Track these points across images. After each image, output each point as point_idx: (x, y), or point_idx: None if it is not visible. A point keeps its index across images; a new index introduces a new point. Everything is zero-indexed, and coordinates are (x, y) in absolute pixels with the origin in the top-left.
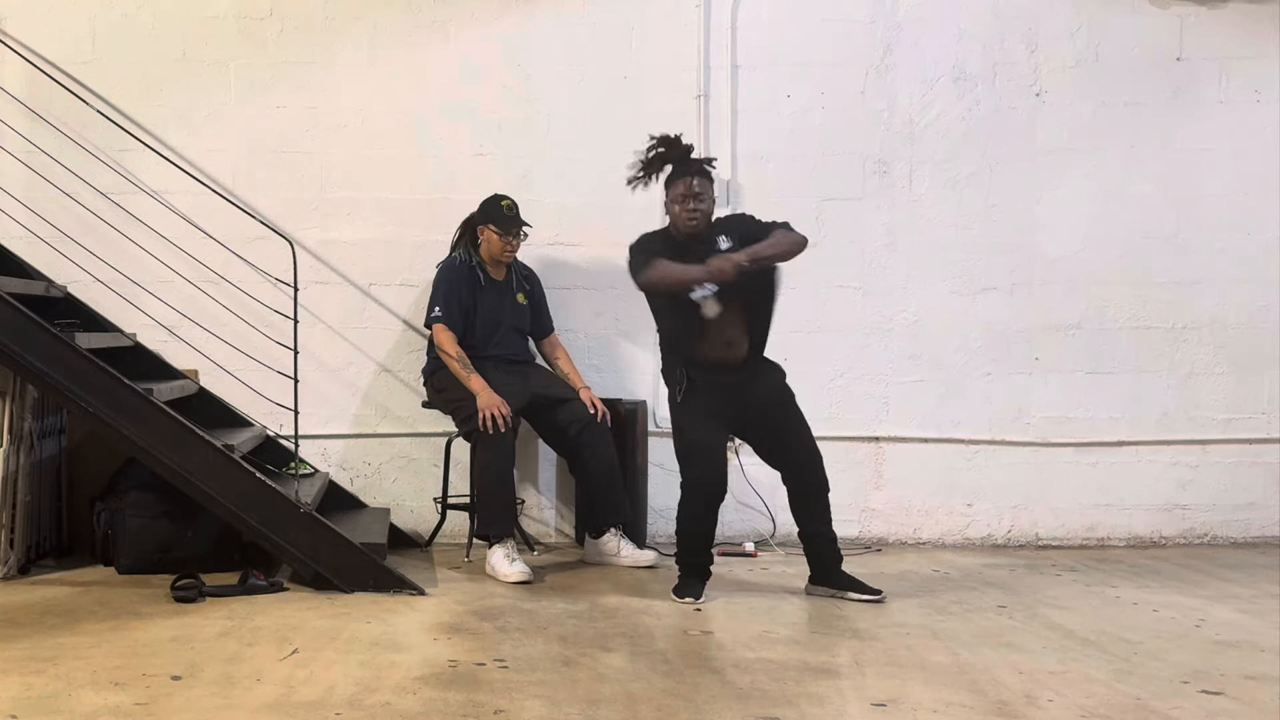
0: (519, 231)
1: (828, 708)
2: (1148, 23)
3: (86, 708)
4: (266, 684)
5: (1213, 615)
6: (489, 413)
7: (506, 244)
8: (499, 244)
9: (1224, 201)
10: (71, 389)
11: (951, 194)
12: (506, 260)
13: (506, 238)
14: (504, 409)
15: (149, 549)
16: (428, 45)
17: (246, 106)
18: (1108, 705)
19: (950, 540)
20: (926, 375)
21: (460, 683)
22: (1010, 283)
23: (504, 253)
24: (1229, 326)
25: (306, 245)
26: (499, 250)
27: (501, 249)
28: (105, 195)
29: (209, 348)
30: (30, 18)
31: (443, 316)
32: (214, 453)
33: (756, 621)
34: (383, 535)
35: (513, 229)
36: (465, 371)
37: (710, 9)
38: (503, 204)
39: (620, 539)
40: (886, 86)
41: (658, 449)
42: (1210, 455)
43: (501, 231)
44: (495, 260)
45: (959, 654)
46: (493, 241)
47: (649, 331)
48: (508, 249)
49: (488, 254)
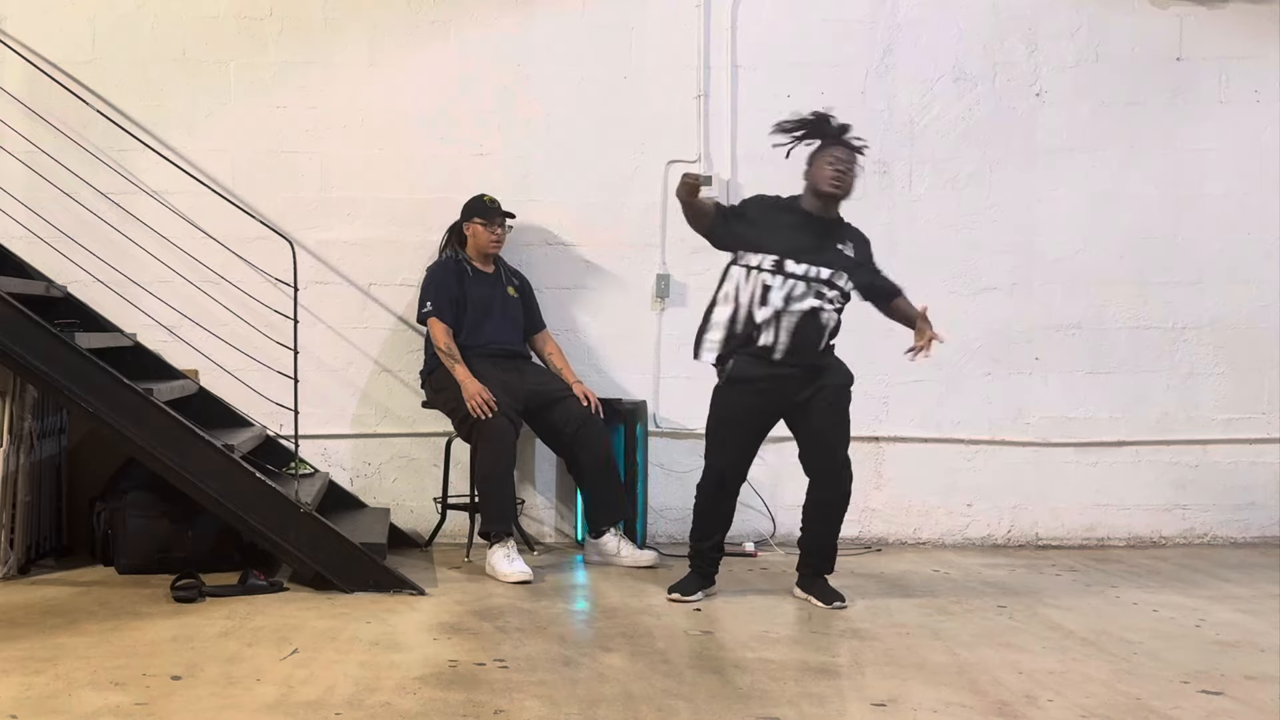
0: (503, 220)
1: (828, 708)
2: (1148, 23)
3: (86, 708)
4: (266, 684)
5: (1213, 615)
6: (476, 400)
7: (492, 233)
8: (485, 235)
9: (1224, 201)
10: (71, 389)
11: (951, 194)
12: (494, 251)
13: (491, 227)
14: (486, 394)
15: (149, 549)
16: (428, 45)
17: (246, 106)
18: (1108, 705)
19: (950, 540)
20: (926, 375)
21: (460, 683)
22: (1010, 283)
23: (491, 244)
24: (1229, 326)
25: (306, 245)
26: (486, 242)
27: (488, 240)
28: (105, 195)
29: (209, 348)
30: (30, 18)
31: (434, 310)
32: (214, 453)
33: (756, 621)
34: (383, 535)
35: (496, 218)
36: (452, 356)
37: (710, 9)
38: (484, 198)
39: (620, 539)
40: (886, 86)
41: (658, 449)
42: (1210, 455)
43: (485, 221)
44: (483, 253)
45: (959, 654)
46: (479, 234)
47: (649, 331)
48: (494, 239)
49: (475, 249)
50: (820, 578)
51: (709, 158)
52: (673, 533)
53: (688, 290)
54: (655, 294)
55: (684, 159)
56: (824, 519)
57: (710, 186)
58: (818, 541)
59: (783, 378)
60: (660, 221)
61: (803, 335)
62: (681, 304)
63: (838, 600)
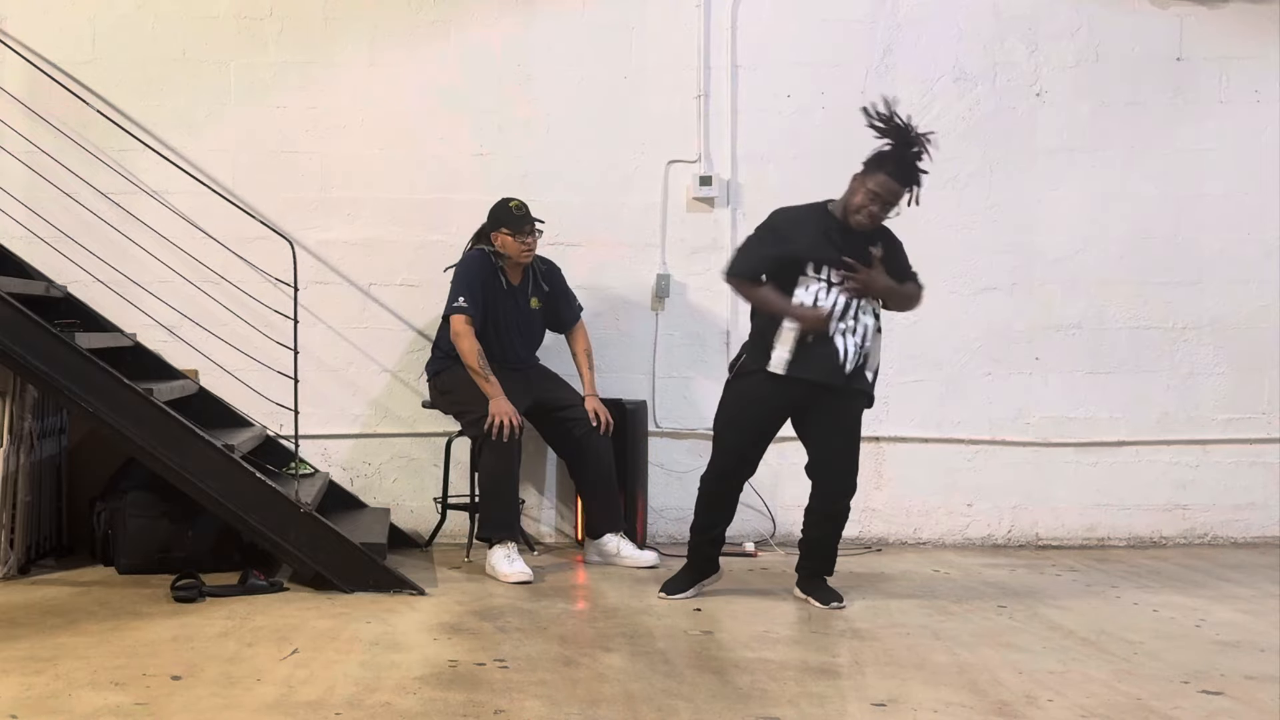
0: (532, 229)
1: (828, 708)
2: (1148, 23)
3: (86, 708)
4: (266, 684)
5: (1213, 615)
6: (500, 419)
7: (522, 244)
8: (515, 245)
9: (1224, 201)
10: (71, 389)
11: (951, 194)
12: (525, 261)
13: (520, 237)
14: (516, 418)
15: (149, 549)
16: (428, 45)
17: (246, 106)
18: (1108, 705)
19: (950, 540)
20: (926, 375)
21: (460, 683)
22: (1010, 283)
23: (521, 254)
24: (1229, 326)
25: (306, 245)
26: (516, 252)
27: (519, 250)
28: (105, 195)
29: (209, 348)
30: (30, 18)
31: (467, 307)
32: (214, 453)
33: (756, 621)
34: (383, 535)
35: (525, 226)
36: (484, 373)
37: (710, 9)
38: (511, 204)
39: (620, 539)
40: (886, 86)
41: (658, 449)
42: (1210, 455)
43: (514, 231)
44: (514, 263)
45: (959, 654)
46: (508, 245)
47: (649, 331)
48: (524, 249)
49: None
50: (819, 579)
51: (709, 158)
52: (673, 533)
53: (688, 290)
54: (655, 294)
55: (684, 159)
56: (825, 526)
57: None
58: (818, 545)
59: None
60: (660, 221)
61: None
62: (681, 304)
63: (836, 601)
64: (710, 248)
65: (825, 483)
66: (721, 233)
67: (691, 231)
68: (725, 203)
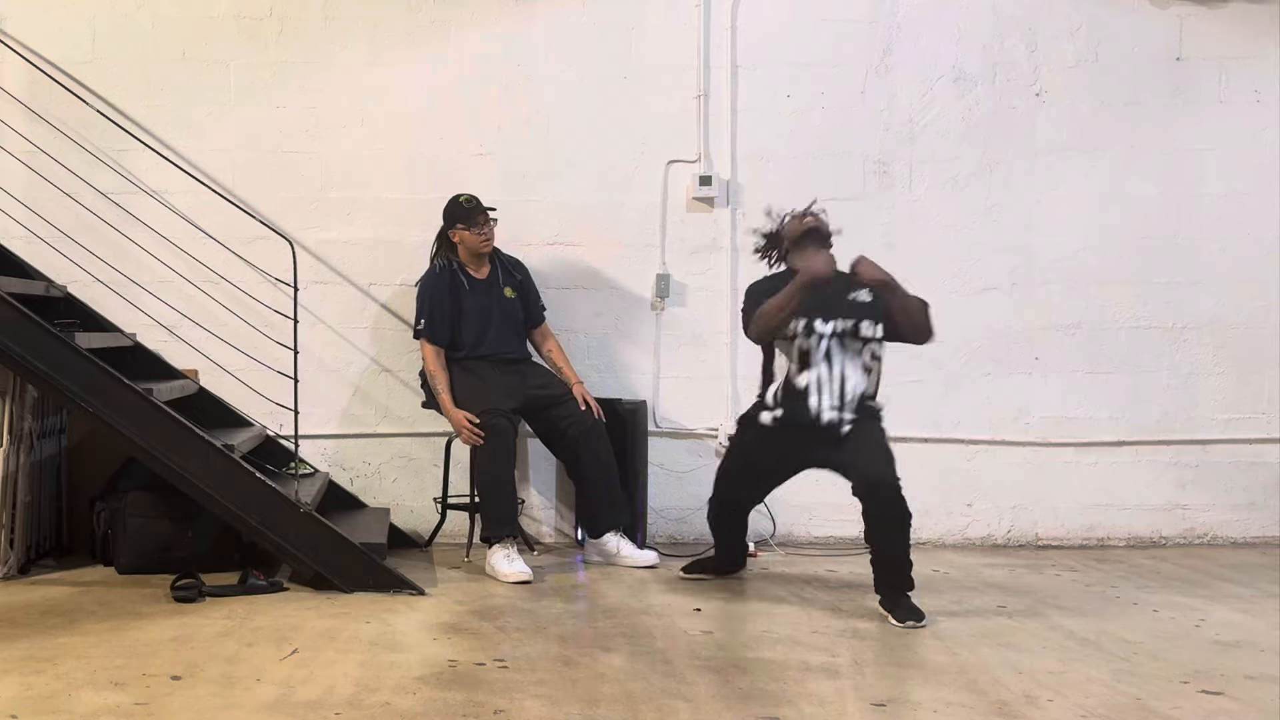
0: (486, 219)
1: (828, 708)
2: (1148, 23)
3: (86, 708)
4: (266, 684)
5: (1213, 615)
6: (464, 429)
7: (479, 234)
8: (473, 238)
9: (1224, 201)
10: (71, 389)
11: (951, 194)
12: (485, 250)
13: (476, 229)
14: (471, 418)
15: (149, 549)
16: (428, 45)
17: (246, 106)
18: (1108, 705)
19: (950, 540)
20: (926, 375)
21: (460, 683)
22: (1010, 283)
23: (481, 245)
24: (1229, 326)
25: (306, 245)
26: (476, 244)
27: (478, 242)
28: (105, 195)
29: (209, 348)
30: (30, 18)
31: (425, 331)
32: (214, 453)
33: (756, 621)
34: (382, 535)
35: (479, 217)
36: (440, 390)
37: (710, 9)
38: (460, 199)
39: (620, 539)
40: (886, 86)
41: (658, 449)
42: (1210, 455)
43: (469, 224)
44: (476, 255)
45: (959, 654)
46: (467, 239)
47: (649, 331)
48: (483, 239)
49: (466, 254)
50: (899, 593)
51: (709, 157)
52: (673, 533)
53: (687, 290)
54: (655, 294)
55: (684, 159)
56: (883, 530)
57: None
58: (881, 555)
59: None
60: (660, 221)
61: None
62: (681, 304)
63: (913, 619)
64: (710, 248)
65: (860, 480)
66: (721, 233)
67: (691, 231)
68: (725, 203)
